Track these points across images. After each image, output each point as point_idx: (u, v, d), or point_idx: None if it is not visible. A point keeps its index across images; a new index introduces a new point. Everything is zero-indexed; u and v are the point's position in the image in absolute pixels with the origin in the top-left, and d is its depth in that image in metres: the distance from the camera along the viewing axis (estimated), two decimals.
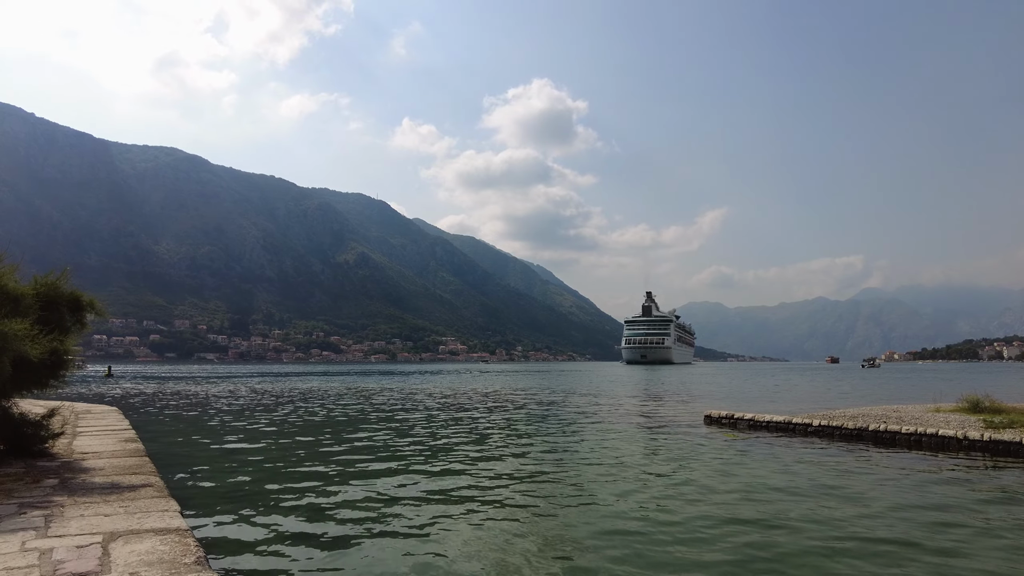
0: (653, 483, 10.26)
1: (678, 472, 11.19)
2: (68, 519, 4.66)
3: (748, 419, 17.90)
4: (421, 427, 18.63)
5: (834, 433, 15.83)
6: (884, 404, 23.97)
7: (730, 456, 13.04)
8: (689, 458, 12.71)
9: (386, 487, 9.95)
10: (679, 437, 15.99)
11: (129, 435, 9.55)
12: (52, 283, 7.26)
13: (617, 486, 9.99)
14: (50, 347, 7.17)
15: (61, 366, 7.47)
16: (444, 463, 12.28)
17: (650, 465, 11.94)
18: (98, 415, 12.83)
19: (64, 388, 7.85)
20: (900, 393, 36.36)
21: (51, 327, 7.06)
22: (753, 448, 14.12)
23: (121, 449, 8.09)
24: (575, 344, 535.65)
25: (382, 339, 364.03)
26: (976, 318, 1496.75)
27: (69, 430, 10.04)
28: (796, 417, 17.10)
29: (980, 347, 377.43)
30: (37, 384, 7.36)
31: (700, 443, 14.87)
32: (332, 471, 11.28)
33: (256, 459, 12.71)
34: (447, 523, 7.73)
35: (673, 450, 13.86)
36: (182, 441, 15.52)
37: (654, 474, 11.04)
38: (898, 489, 9.74)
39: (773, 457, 12.88)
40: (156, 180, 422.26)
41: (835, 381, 56.24)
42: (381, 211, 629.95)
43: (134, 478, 6.26)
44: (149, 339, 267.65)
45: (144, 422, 19.18)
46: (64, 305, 7.38)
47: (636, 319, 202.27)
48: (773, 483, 10.18)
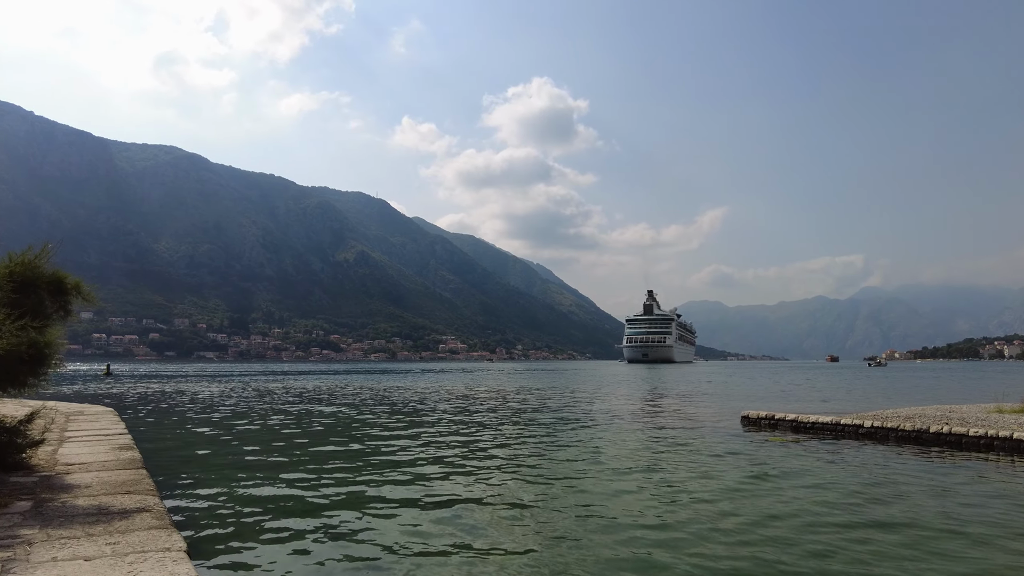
0: (746, 500, 9.03)
1: (764, 489, 9.94)
2: (34, 566, 3.42)
3: (790, 420, 16.66)
4: (466, 434, 17.39)
5: (889, 435, 14.60)
6: (920, 404, 22.75)
7: (799, 464, 11.74)
8: (756, 466, 11.47)
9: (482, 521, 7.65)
10: (733, 443, 14.73)
11: (124, 441, 8.31)
12: (28, 262, 6.02)
13: (725, 507, 8.75)
14: (27, 339, 5.95)
15: (41, 362, 6.23)
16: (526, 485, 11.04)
17: (724, 475, 10.69)
18: (91, 417, 11.58)
19: (46, 387, 6.60)
20: (928, 392, 35.11)
21: (27, 314, 5.84)
22: (812, 454, 12.83)
23: (114, 459, 6.85)
24: (575, 343, 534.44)
25: (382, 338, 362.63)
26: (975, 317, 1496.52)
27: (55, 435, 8.82)
28: (844, 418, 15.86)
29: (981, 346, 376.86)
30: (13, 383, 6.13)
31: (752, 448, 13.62)
32: (380, 490, 10.02)
33: (281, 472, 10.79)
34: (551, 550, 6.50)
35: (741, 463, 12.57)
36: (187, 449, 13.74)
37: (741, 491, 9.80)
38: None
39: (848, 464, 11.59)
40: (155, 178, 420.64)
41: (848, 380, 55.01)
42: (381, 210, 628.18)
43: (127, 499, 5.02)
44: (148, 338, 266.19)
45: (143, 426, 17.67)
46: (44, 288, 6.14)
47: (638, 318, 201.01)
48: (897, 514, 8.03)
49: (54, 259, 6.27)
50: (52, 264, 6.31)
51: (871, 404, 25.53)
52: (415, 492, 9.25)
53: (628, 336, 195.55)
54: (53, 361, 6.38)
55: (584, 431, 16.74)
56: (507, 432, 16.77)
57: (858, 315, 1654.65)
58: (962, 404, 19.67)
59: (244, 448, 13.75)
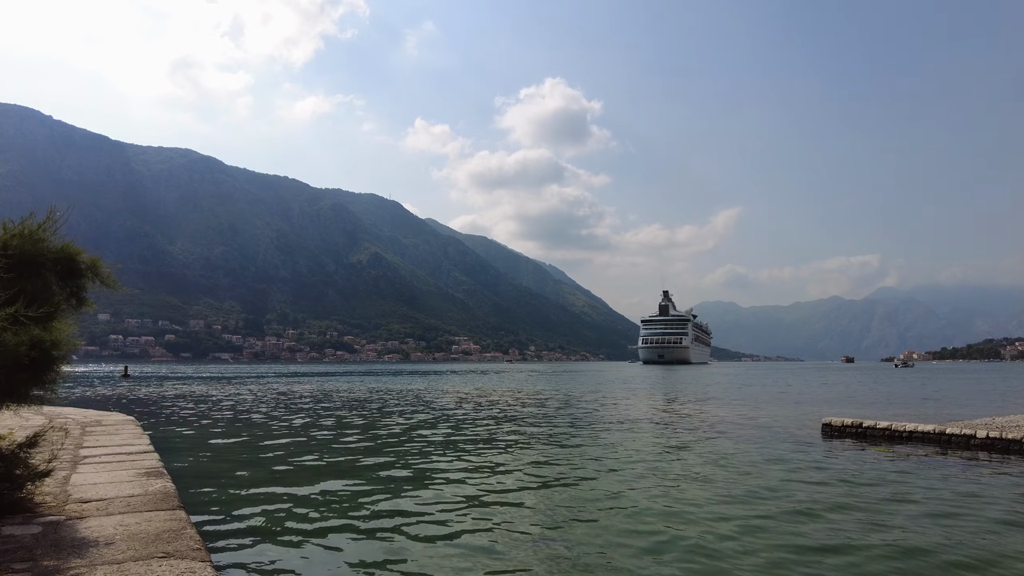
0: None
1: (924, 526, 8.21)
2: None
3: (882, 429, 14.88)
4: (546, 446, 15.76)
5: (1010, 447, 12.80)
6: (1001, 410, 20.86)
7: (954, 488, 9.99)
8: (890, 488, 9.73)
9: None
10: (835, 456, 12.99)
11: (151, 464, 6.76)
12: (28, 232, 4.46)
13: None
14: (28, 338, 4.41)
15: (48, 366, 4.70)
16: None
17: (862, 496, 8.97)
18: (109, 429, 10.08)
19: (53, 396, 5.04)
20: (997, 396, 32.96)
21: (30, 301, 4.30)
22: (938, 470, 11.05)
23: (141, 493, 5.29)
24: (588, 344, 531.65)
25: (395, 339, 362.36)
26: (994, 317, 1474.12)
27: (69, 452, 7.31)
28: (950, 426, 14.06)
29: (1001, 346, 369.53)
30: (10, 396, 4.60)
31: (857, 463, 11.85)
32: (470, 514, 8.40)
33: (356, 511, 8.19)
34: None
35: (863, 483, 10.81)
36: (230, 471, 10.88)
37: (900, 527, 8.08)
38: None
39: (1003, 486, 9.84)
40: (171, 181, 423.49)
41: (886, 382, 52.72)
42: (394, 211, 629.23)
43: (167, 569, 3.45)
44: (164, 339, 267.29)
45: (170, 438, 15.36)
46: (49, 267, 4.58)
47: (653, 318, 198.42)
48: None
49: (64, 233, 4.71)
50: (60, 239, 4.75)
51: (943, 409, 23.61)
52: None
53: (644, 337, 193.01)
54: (62, 366, 4.85)
55: (660, 442, 15.05)
56: (593, 452, 15.11)
57: (874, 316, 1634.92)
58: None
59: (309, 473, 11.18)
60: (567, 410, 24.23)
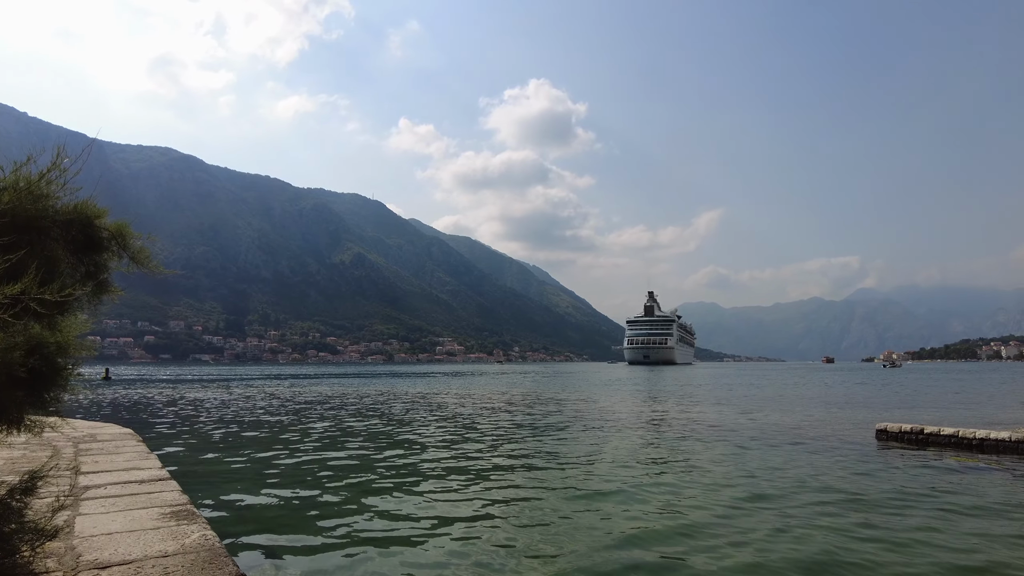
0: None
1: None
2: None
3: (948, 435, 13.80)
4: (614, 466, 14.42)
5: None
6: (1016, 410, 19.98)
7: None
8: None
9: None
10: (907, 469, 11.84)
11: (173, 498, 5.34)
12: (25, 185, 3.06)
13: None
14: (25, 340, 3.01)
15: (51, 377, 3.30)
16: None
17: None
18: (107, 446, 8.58)
19: (53, 416, 3.62)
20: (1015, 396, 32.31)
21: (35, 277, 2.91)
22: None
23: (175, 549, 3.89)
24: (572, 344, 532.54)
25: (379, 340, 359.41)
26: (969, 318, 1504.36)
27: (65, 478, 5.88)
28: (1019, 432, 13.01)
29: (977, 347, 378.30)
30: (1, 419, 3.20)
31: (941, 475, 10.71)
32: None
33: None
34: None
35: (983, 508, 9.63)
36: (285, 517, 7.82)
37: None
38: None
39: None
40: (151, 180, 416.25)
41: (886, 382, 52.15)
42: (377, 211, 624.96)
43: None
44: (143, 340, 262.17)
45: (178, 455, 12.83)
46: (57, 236, 3.19)
47: (639, 319, 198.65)
48: None
49: (77, 187, 3.32)
50: (72, 197, 3.35)
51: (972, 412, 22.71)
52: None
53: (629, 337, 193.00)
54: (71, 376, 3.44)
55: (710, 452, 13.84)
56: (637, 470, 13.83)
57: (853, 316, 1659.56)
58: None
59: (355, 499, 8.98)
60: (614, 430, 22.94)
